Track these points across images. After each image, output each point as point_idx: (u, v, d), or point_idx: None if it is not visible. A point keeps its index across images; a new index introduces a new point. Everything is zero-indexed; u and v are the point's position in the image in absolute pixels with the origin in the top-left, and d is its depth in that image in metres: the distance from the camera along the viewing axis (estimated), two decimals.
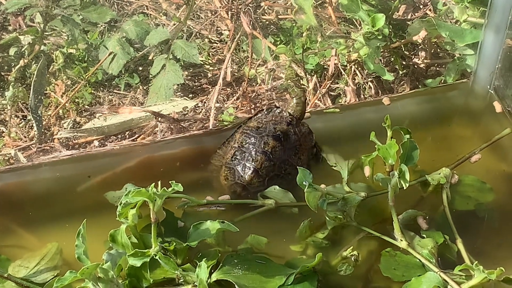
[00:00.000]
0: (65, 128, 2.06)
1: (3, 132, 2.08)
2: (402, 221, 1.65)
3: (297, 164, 1.72)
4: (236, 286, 1.45)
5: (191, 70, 2.28)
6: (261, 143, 1.74)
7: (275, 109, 1.83)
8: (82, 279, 1.38)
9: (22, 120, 2.11)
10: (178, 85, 2.17)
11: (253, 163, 1.72)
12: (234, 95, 2.17)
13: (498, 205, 1.75)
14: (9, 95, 2.10)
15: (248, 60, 2.21)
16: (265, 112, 1.83)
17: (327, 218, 1.64)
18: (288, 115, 1.80)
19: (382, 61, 2.22)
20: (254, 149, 1.73)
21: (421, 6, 2.44)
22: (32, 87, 2.07)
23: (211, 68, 2.29)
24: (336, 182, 1.76)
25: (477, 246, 1.64)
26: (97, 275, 1.38)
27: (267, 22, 2.42)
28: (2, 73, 2.20)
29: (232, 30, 2.35)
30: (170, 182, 1.47)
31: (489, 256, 1.63)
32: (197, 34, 2.38)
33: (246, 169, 1.73)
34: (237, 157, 1.75)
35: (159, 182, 1.47)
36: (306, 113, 1.89)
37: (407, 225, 1.65)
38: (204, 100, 2.15)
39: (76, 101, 2.15)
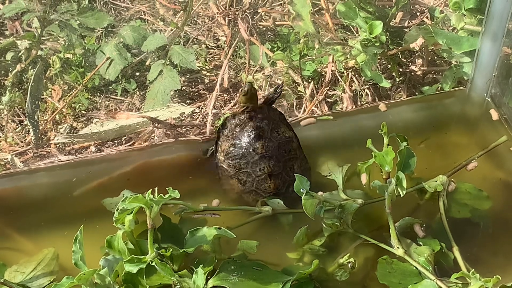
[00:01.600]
0: (61, 133, 2.06)
1: (0, 137, 2.07)
2: (398, 228, 1.65)
3: (288, 134, 1.76)
4: None
5: (188, 76, 2.28)
6: (251, 152, 1.73)
7: (227, 118, 1.79)
8: (78, 285, 1.38)
9: (19, 125, 2.11)
10: (175, 91, 2.16)
11: (263, 172, 1.73)
12: (231, 101, 2.17)
13: (494, 213, 1.75)
14: (5, 100, 2.10)
15: (245, 66, 2.21)
16: (224, 128, 1.79)
17: (324, 225, 1.65)
18: (244, 114, 1.77)
19: (379, 68, 2.23)
20: (252, 162, 1.73)
21: (418, 14, 2.44)
22: (29, 92, 2.07)
23: (208, 74, 2.29)
24: None
25: (473, 254, 1.65)
26: (94, 281, 1.38)
27: (264, 29, 2.42)
28: None
29: (229, 36, 2.35)
30: (167, 188, 1.47)
31: (486, 264, 1.63)
32: (194, 40, 2.38)
33: (263, 182, 1.73)
34: (244, 178, 1.75)
35: (156, 189, 1.47)
36: (311, 119, 1.90)
37: (403, 233, 1.65)
38: (201, 106, 2.14)
39: (73, 106, 2.15)
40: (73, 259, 1.42)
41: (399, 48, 2.17)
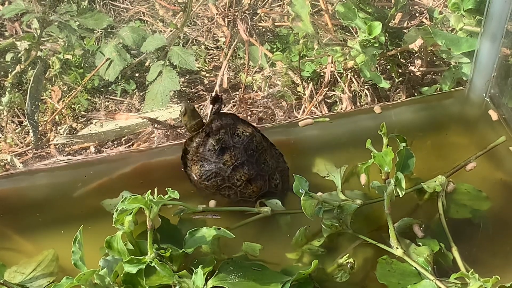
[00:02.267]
0: (61, 134, 2.06)
1: None
2: (398, 229, 1.65)
3: (248, 131, 1.74)
4: None
5: (187, 77, 2.28)
6: (223, 167, 1.72)
7: (186, 142, 1.76)
8: (78, 286, 1.38)
9: (18, 126, 2.11)
10: (174, 91, 2.17)
11: (241, 180, 1.73)
12: (231, 102, 2.17)
13: (493, 213, 1.75)
14: (5, 100, 2.10)
15: (244, 67, 2.21)
16: (186, 153, 1.76)
17: (323, 226, 1.65)
18: (200, 133, 1.74)
19: (378, 69, 2.23)
20: (227, 175, 1.72)
21: (417, 15, 2.44)
22: (28, 93, 2.07)
23: (207, 74, 2.29)
24: None
25: (472, 254, 1.65)
26: (93, 282, 1.38)
27: (263, 29, 2.42)
28: None
29: (229, 37, 2.35)
30: (166, 189, 1.47)
31: (485, 264, 1.64)
32: (194, 40, 2.38)
33: (245, 189, 1.73)
34: (227, 192, 1.74)
35: (155, 189, 1.47)
36: (309, 120, 1.90)
37: (402, 233, 1.65)
38: (201, 107, 2.15)
39: (72, 107, 2.15)
40: (72, 260, 1.42)
41: (398, 48, 2.17)
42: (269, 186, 1.75)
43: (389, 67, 2.23)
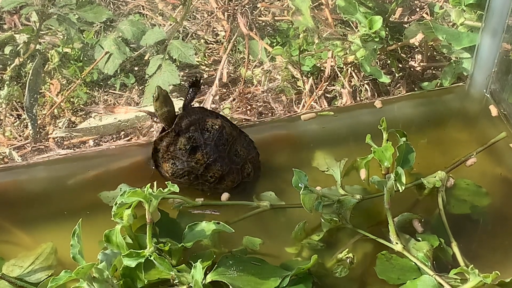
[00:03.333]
0: (60, 128, 2.05)
1: None
2: (397, 224, 1.64)
3: (217, 124, 1.72)
4: (230, 287, 1.44)
5: (187, 71, 2.27)
6: (195, 166, 1.71)
7: (155, 142, 1.74)
8: (76, 279, 1.38)
9: (17, 119, 2.10)
10: (174, 85, 2.16)
11: (214, 177, 1.73)
12: (230, 96, 2.16)
13: (493, 209, 1.75)
14: (4, 93, 2.10)
15: (244, 61, 2.21)
16: (156, 152, 1.74)
17: (323, 220, 1.65)
18: (170, 133, 1.72)
19: (379, 64, 2.23)
20: (199, 173, 1.72)
21: (417, 9, 2.44)
22: (27, 86, 2.07)
23: (207, 69, 2.29)
24: None
25: (472, 249, 1.64)
26: (92, 275, 1.37)
27: (263, 24, 2.41)
28: None
29: (228, 31, 2.35)
30: (166, 182, 1.47)
31: (484, 260, 1.63)
32: (193, 34, 2.37)
33: (219, 183, 1.74)
34: (200, 187, 1.75)
35: (155, 183, 1.47)
36: (311, 114, 1.89)
37: (402, 228, 1.65)
38: (200, 101, 2.14)
39: (71, 100, 2.14)
40: (71, 253, 1.42)
41: (399, 43, 2.17)
42: (242, 177, 1.76)
43: (389, 61, 2.23)
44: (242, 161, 1.75)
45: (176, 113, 1.74)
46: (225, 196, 1.74)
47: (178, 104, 2.05)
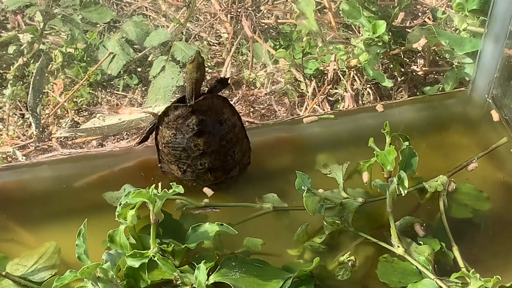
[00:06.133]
0: (64, 127, 2.06)
1: (1, 130, 2.07)
2: (399, 227, 1.65)
3: (231, 120, 1.73)
4: None
5: None
6: (192, 148, 1.71)
7: (170, 107, 1.71)
8: (81, 279, 1.38)
9: (21, 119, 2.11)
10: (177, 86, 2.17)
11: (203, 166, 1.73)
12: (233, 98, 2.17)
13: (494, 214, 1.75)
14: (8, 93, 2.10)
15: (247, 64, 2.21)
16: (166, 116, 1.71)
17: (325, 223, 1.65)
18: (186, 106, 1.69)
19: (381, 68, 2.23)
20: (192, 156, 1.71)
21: (420, 14, 2.45)
22: (31, 86, 2.07)
23: (210, 70, 2.29)
24: None
25: (473, 254, 1.65)
26: (96, 275, 1.38)
27: (266, 26, 2.42)
28: (1, 71, 2.20)
29: (231, 33, 2.35)
30: (170, 183, 1.47)
31: (485, 264, 1.64)
32: (196, 36, 2.38)
33: (203, 174, 1.74)
34: (184, 168, 1.74)
35: (160, 184, 1.48)
36: (313, 117, 1.90)
37: (404, 232, 1.66)
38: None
39: (74, 100, 2.15)
40: (76, 253, 1.42)
41: (402, 48, 2.18)
42: (225, 177, 1.77)
43: (392, 66, 2.23)
44: (233, 164, 1.76)
45: (203, 90, 1.72)
46: (208, 191, 1.76)
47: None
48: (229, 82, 1.76)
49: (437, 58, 2.28)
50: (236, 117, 1.76)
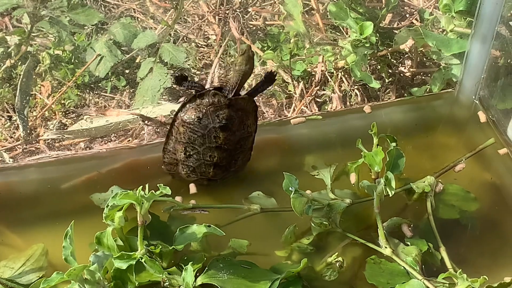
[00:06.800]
0: (51, 129, 2.05)
1: None
2: (386, 228, 1.66)
3: (251, 129, 1.74)
4: None
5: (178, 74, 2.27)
6: (211, 138, 1.70)
7: (209, 92, 1.71)
8: (68, 281, 1.38)
9: (8, 121, 2.10)
10: (165, 88, 2.16)
11: (211, 159, 1.73)
12: None
13: (481, 214, 1.76)
14: None
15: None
16: (200, 98, 1.71)
17: (313, 224, 1.65)
18: (224, 98, 1.70)
19: (369, 69, 2.24)
20: (207, 145, 1.71)
21: (407, 15, 2.45)
22: (18, 88, 2.07)
23: (198, 72, 2.29)
24: None
25: (460, 254, 1.66)
26: (83, 277, 1.38)
27: (254, 28, 2.42)
28: None
29: (219, 35, 2.35)
30: (158, 185, 1.47)
31: (472, 264, 1.65)
32: (184, 38, 2.38)
33: (206, 166, 1.74)
34: (191, 153, 1.73)
35: (147, 185, 1.48)
36: (301, 118, 1.90)
37: (391, 232, 1.66)
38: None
39: (62, 102, 2.14)
40: (63, 255, 1.42)
41: (389, 49, 2.18)
42: (220, 177, 1.77)
43: (379, 67, 2.24)
44: (233, 168, 1.77)
45: (245, 90, 1.73)
46: (192, 188, 1.76)
47: (171, 107, 2.07)
48: (275, 78, 1.77)
49: (424, 59, 2.29)
50: (255, 127, 1.77)
